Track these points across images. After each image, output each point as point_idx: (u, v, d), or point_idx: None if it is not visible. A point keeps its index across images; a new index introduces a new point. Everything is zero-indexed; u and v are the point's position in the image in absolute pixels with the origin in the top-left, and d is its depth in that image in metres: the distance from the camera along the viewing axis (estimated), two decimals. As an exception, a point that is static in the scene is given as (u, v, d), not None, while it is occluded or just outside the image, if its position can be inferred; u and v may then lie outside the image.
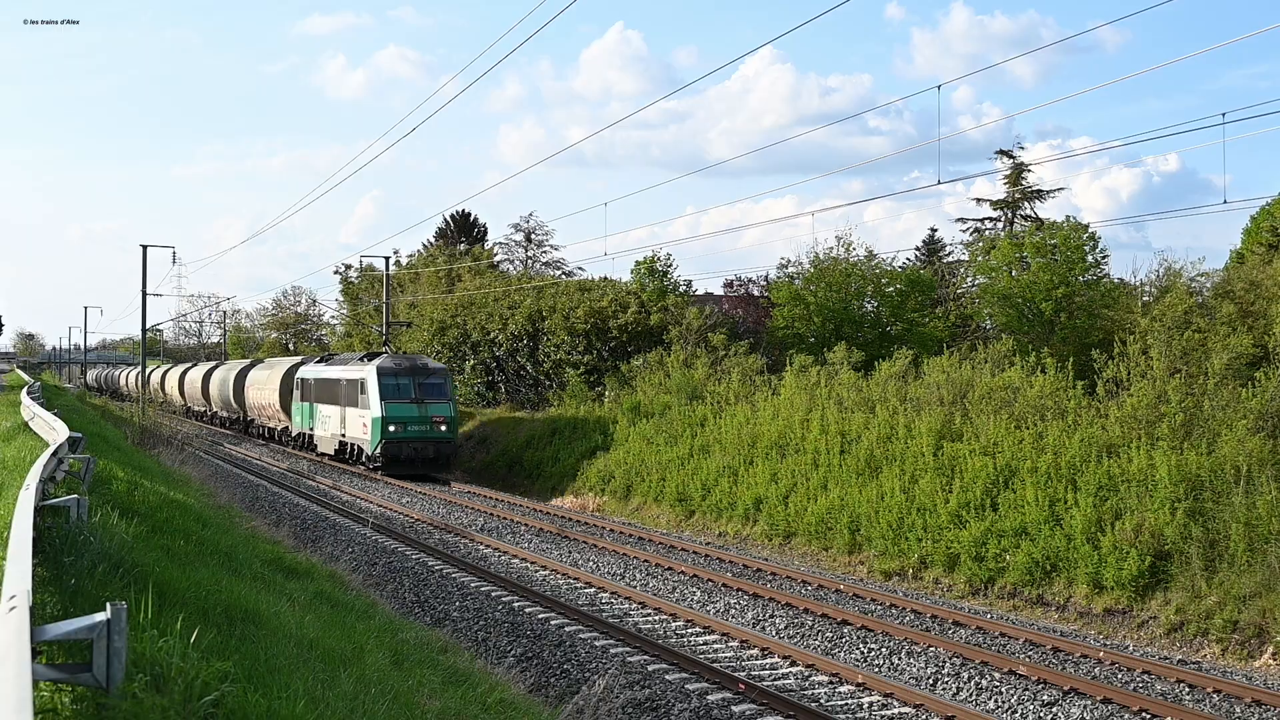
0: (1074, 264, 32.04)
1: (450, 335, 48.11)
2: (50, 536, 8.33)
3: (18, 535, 7.01)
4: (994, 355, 26.00)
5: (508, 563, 21.01)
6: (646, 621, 16.28)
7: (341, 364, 39.78)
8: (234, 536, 14.78)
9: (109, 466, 17.27)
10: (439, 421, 35.17)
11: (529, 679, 12.86)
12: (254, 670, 6.82)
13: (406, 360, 36.36)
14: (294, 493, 31.20)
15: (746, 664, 14.03)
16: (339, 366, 39.61)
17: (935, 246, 56.43)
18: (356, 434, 37.05)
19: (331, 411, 39.75)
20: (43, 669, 4.85)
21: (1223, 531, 16.67)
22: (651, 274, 39.42)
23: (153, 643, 5.86)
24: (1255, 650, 14.85)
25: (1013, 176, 49.11)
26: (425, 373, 35.80)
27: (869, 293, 36.81)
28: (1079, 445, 19.92)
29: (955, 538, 20.01)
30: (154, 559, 9.22)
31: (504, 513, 27.22)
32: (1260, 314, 25.67)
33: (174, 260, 63.01)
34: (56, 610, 6.71)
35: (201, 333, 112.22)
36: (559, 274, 63.98)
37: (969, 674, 13.47)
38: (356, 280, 73.74)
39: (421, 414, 34.96)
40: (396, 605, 16.23)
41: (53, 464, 11.83)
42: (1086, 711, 12.09)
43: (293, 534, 21.58)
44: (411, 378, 35.34)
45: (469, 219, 77.60)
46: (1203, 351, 21.51)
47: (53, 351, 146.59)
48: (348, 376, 37.67)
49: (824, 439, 25.28)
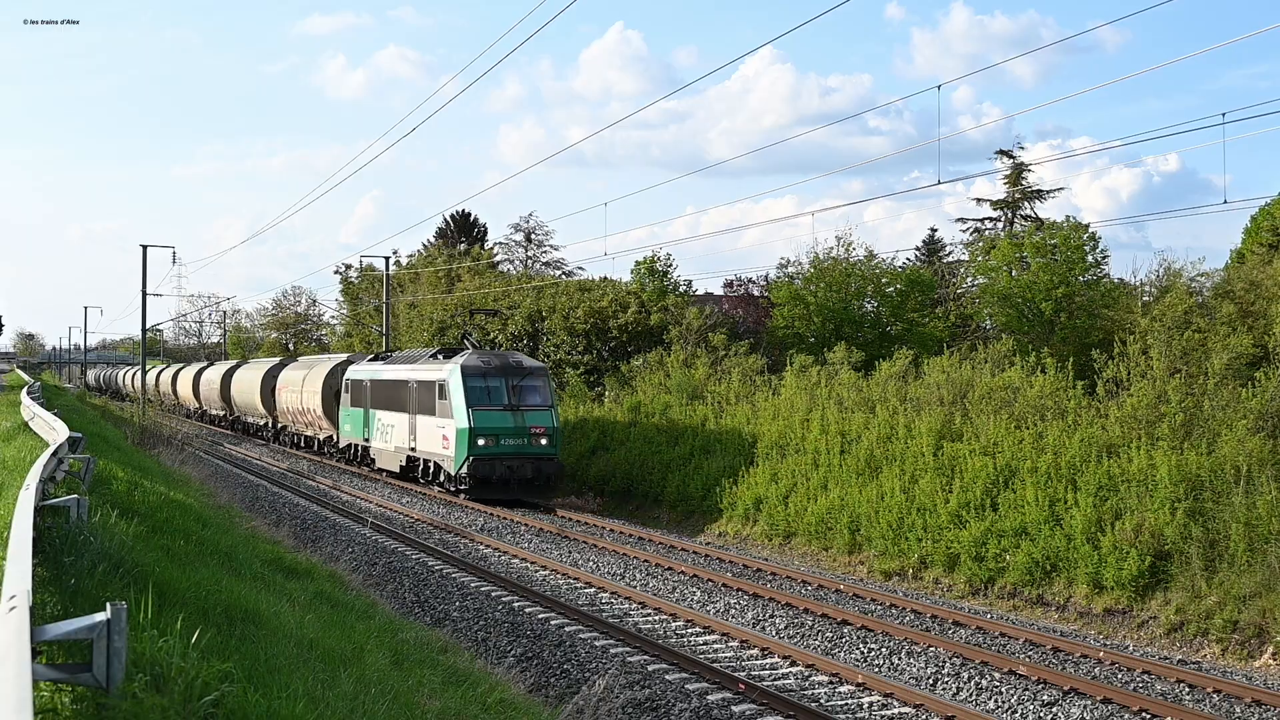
0: (1074, 264, 32.07)
1: (450, 335, 48.10)
2: (50, 536, 8.34)
3: (18, 535, 7.01)
4: (994, 355, 26.00)
5: (508, 563, 21.01)
6: (646, 621, 16.28)
7: (408, 362, 33.57)
8: (234, 536, 14.79)
9: (109, 466, 17.27)
10: (539, 433, 28.74)
11: (529, 679, 12.85)
12: (254, 670, 6.82)
13: (497, 358, 29.99)
14: (294, 493, 31.20)
15: (746, 664, 14.03)
16: (405, 366, 33.38)
17: (935, 246, 56.47)
18: (432, 448, 30.64)
19: (396, 420, 33.20)
20: (43, 669, 4.85)
21: (1223, 531, 16.67)
22: (651, 274, 39.44)
23: (153, 643, 5.86)
24: (1255, 650, 14.85)
25: (1013, 176, 49.13)
26: (520, 372, 29.45)
27: (869, 293, 36.83)
28: (1079, 445, 19.92)
29: (955, 538, 20.01)
30: (154, 559, 9.22)
31: (506, 514, 27.21)
32: (1260, 314, 25.67)
33: (174, 260, 63.12)
34: (56, 610, 6.71)
35: (201, 333, 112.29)
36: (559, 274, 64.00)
37: (969, 674, 13.47)
38: (356, 280, 73.78)
39: (517, 424, 28.55)
40: (396, 605, 16.23)
41: (53, 464, 11.84)
42: (1086, 711, 12.09)
43: (293, 534, 21.57)
44: (504, 379, 29.02)
45: (469, 219, 77.63)
46: (1203, 351, 21.51)
47: (53, 351, 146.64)
48: (420, 378, 31.33)
49: (824, 439, 25.28)
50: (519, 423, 28.50)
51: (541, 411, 29.03)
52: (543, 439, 28.73)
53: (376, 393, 34.84)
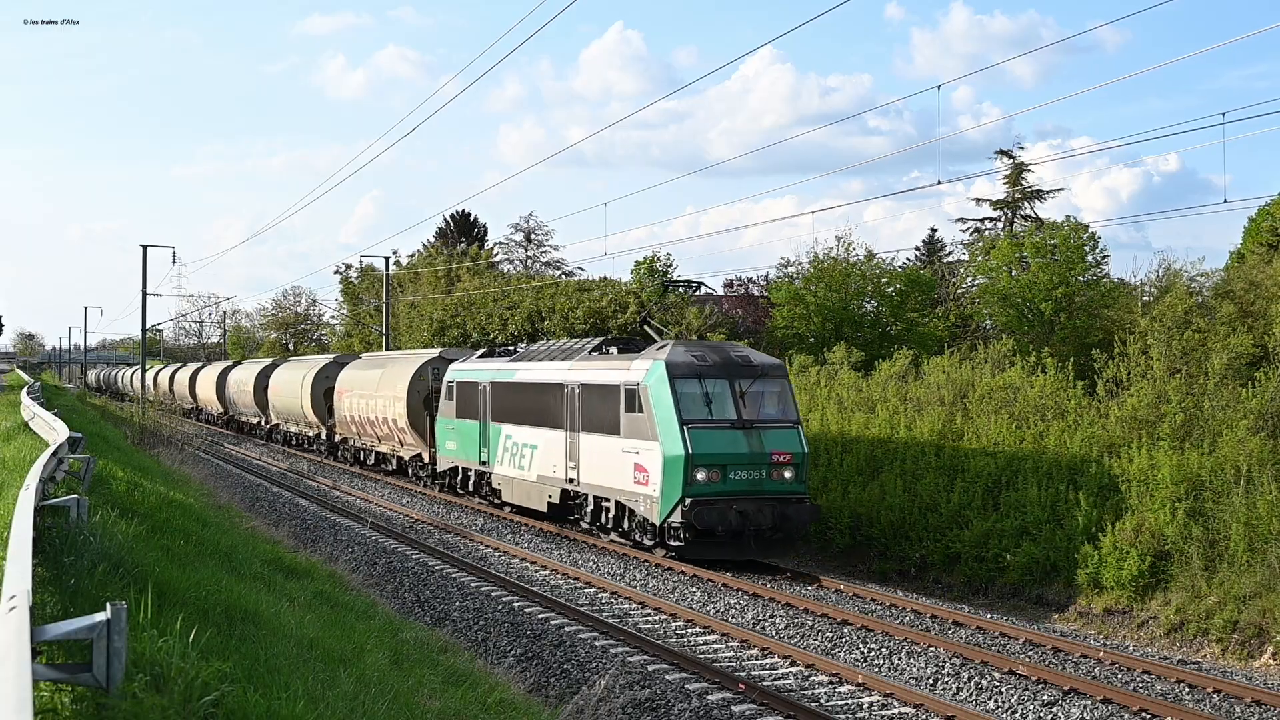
0: (1074, 264, 32.08)
1: (450, 335, 48.12)
2: (50, 536, 8.34)
3: (18, 535, 7.02)
4: (994, 355, 26.01)
5: (508, 563, 21.01)
6: (646, 621, 16.28)
7: (558, 357, 24.34)
8: (234, 536, 14.79)
9: (109, 466, 17.28)
10: (783, 462, 19.69)
11: (529, 679, 12.86)
12: (254, 670, 6.82)
13: (713, 351, 20.92)
14: (294, 493, 31.21)
15: (746, 664, 14.03)
16: (555, 363, 24.07)
17: (935, 246, 56.54)
18: (611, 482, 21.15)
19: (540, 438, 23.83)
20: (43, 669, 4.85)
21: (1223, 531, 16.68)
22: (651, 274, 39.45)
23: (152, 643, 5.87)
24: (1255, 650, 14.85)
25: (1012, 176, 49.15)
26: (750, 372, 20.39)
27: (869, 293, 36.83)
28: (1079, 445, 19.92)
29: (957, 537, 20.01)
30: (154, 559, 9.22)
31: (504, 513, 27.20)
32: (1260, 314, 25.67)
33: (174, 260, 62.99)
34: (56, 610, 6.71)
35: (201, 333, 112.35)
36: (559, 274, 64.08)
37: (969, 674, 13.47)
38: (356, 280, 73.80)
39: (753, 449, 19.58)
40: (396, 605, 16.23)
41: (53, 464, 11.84)
42: (1086, 711, 12.09)
43: (293, 534, 21.58)
44: (728, 382, 20.01)
45: (469, 219, 77.72)
46: (1203, 351, 21.51)
47: (53, 351, 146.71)
48: (589, 379, 22.00)
49: (824, 439, 25.28)
50: (755, 446, 19.60)
51: (785, 430, 20.06)
52: (787, 470, 19.73)
53: (502, 399, 25.90)
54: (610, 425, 21.00)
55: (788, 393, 20.75)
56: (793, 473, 19.75)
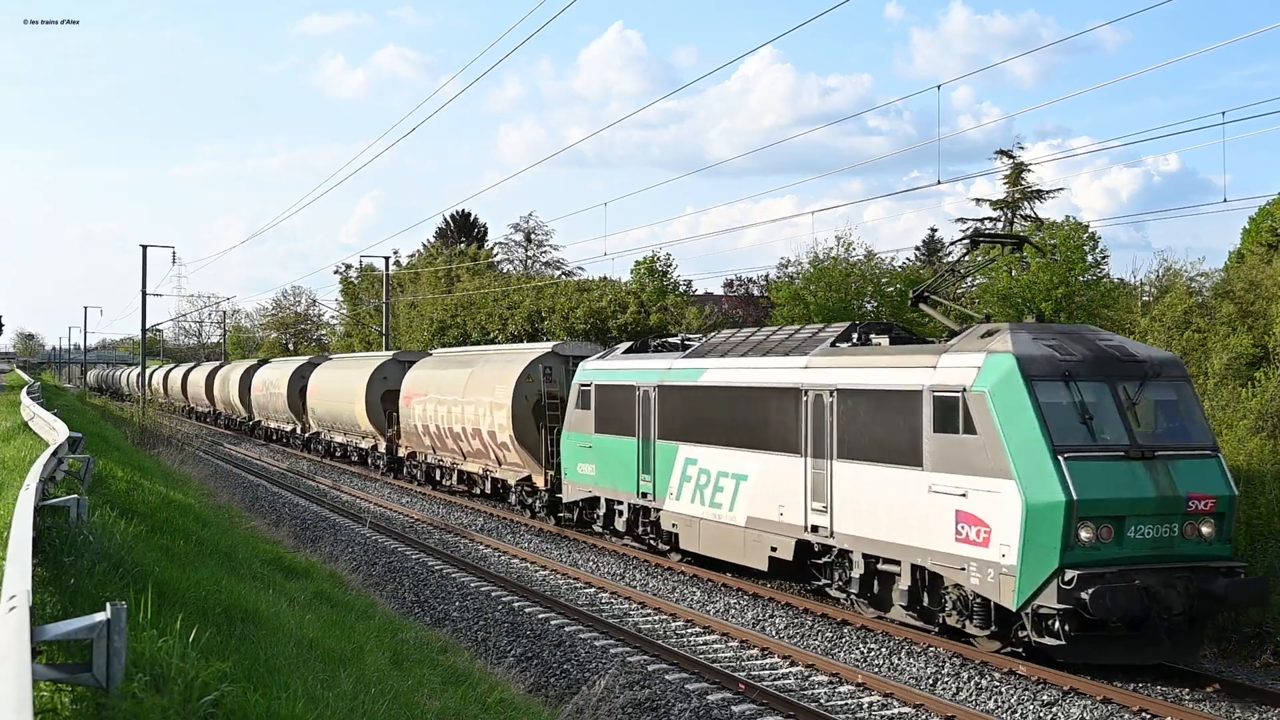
0: (1074, 264, 32.06)
1: (450, 335, 48.12)
2: (50, 536, 8.34)
3: (18, 535, 7.02)
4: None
5: (508, 563, 21.00)
6: (646, 621, 16.28)
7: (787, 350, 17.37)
8: (234, 536, 14.80)
9: (109, 466, 17.28)
10: (1201, 511, 13.24)
11: (529, 679, 12.86)
12: (253, 670, 6.82)
13: (1074, 340, 14.15)
14: (294, 493, 31.20)
15: (746, 664, 14.03)
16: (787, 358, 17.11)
17: (935, 246, 56.55)
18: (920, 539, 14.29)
19: (761, 467, 17.24)
20: (43, 669, 4.85)
21: (1223, 531, 16.65)
22: (651, 274, 39.47)
23: (152, 643, 5.87)
24: (1255, 650, 14.84)
25: (1012, 176, 49.19)
26: (1136, 369, 13.84)
27: (869, 293, 36.80)
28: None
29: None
30: (154, 559, 9.23)
31: (503, 513, 27.17)
32: (1260, 314, 25.67)
33: (174, 260, 62.91)
34: (56, 610, 6.71)
35: (201, 333, 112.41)
36: (559, 274, 64.10)
37: (969, 674, 13.47)
38: (356, 280, 73.86)
39: (1161, 492, 13.08)
40: (396, 605, 16.23)
41: (53, 464, 11.84)
42: (1086, 711, 12.09)
43: (293, 534, 21.59)
44: (1107, 385, 13.59)
45: (469, 219, 77.81)
46: (1203, 351, 21.51)
47: (53, 351, 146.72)
48: (863, 381, 15.48)
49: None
50: (1164, 488, 13.14)
51: (1200, 461, 13.61)
52: (1205, 525, 13.31)
53: (680, 409, 19.41)
54: (899, 451, 14.59)
55: (1194, 402, 14.21)
56: (1214, 527, 13.31)
